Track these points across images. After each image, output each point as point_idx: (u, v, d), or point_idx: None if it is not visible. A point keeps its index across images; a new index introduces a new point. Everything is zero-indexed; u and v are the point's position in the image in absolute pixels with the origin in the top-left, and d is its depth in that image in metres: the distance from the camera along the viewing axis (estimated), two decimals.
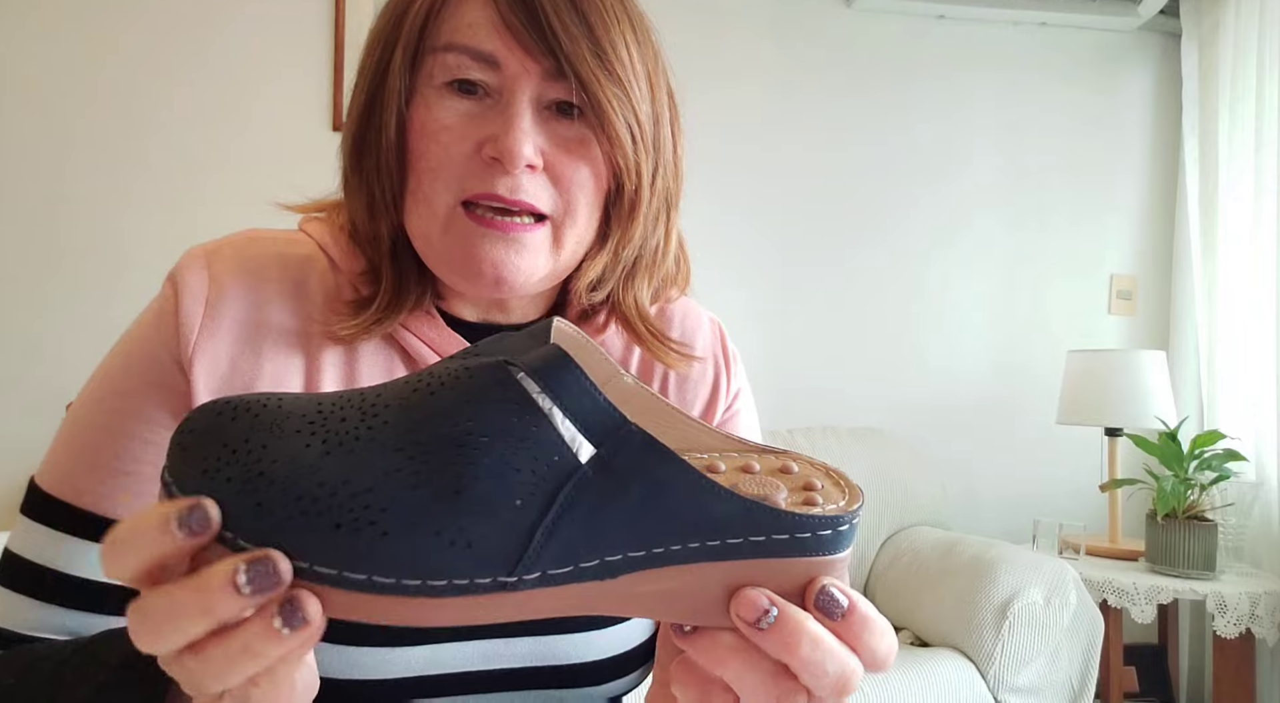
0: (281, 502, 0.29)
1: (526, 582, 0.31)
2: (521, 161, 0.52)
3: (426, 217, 0.55)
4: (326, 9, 2.26)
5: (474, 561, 0.30)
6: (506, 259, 0.54)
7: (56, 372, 2.05)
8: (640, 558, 0.31)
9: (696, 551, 0.32)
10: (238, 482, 0.30)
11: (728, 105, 2.50)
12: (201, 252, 0.59)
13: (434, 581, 0.30)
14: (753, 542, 0.32)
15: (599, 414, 0.31)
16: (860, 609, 0.33)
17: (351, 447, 0.31)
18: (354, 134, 0.58)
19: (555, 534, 0.30)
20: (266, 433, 0.31)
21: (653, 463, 0.31)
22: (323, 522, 0.29)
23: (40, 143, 2.10)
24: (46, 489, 0.55)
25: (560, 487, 0.30)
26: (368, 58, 0.58)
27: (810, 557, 0.33)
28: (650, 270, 0.64)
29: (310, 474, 0.30)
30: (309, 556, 0.29)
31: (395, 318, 0.58)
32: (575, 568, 0.31)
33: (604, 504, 0.31)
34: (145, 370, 0.56)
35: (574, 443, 0.31)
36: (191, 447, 0.31)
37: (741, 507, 0.32)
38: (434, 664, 0.56)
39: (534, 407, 0.31)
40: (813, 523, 0.32)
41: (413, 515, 0.30)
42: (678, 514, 0.31)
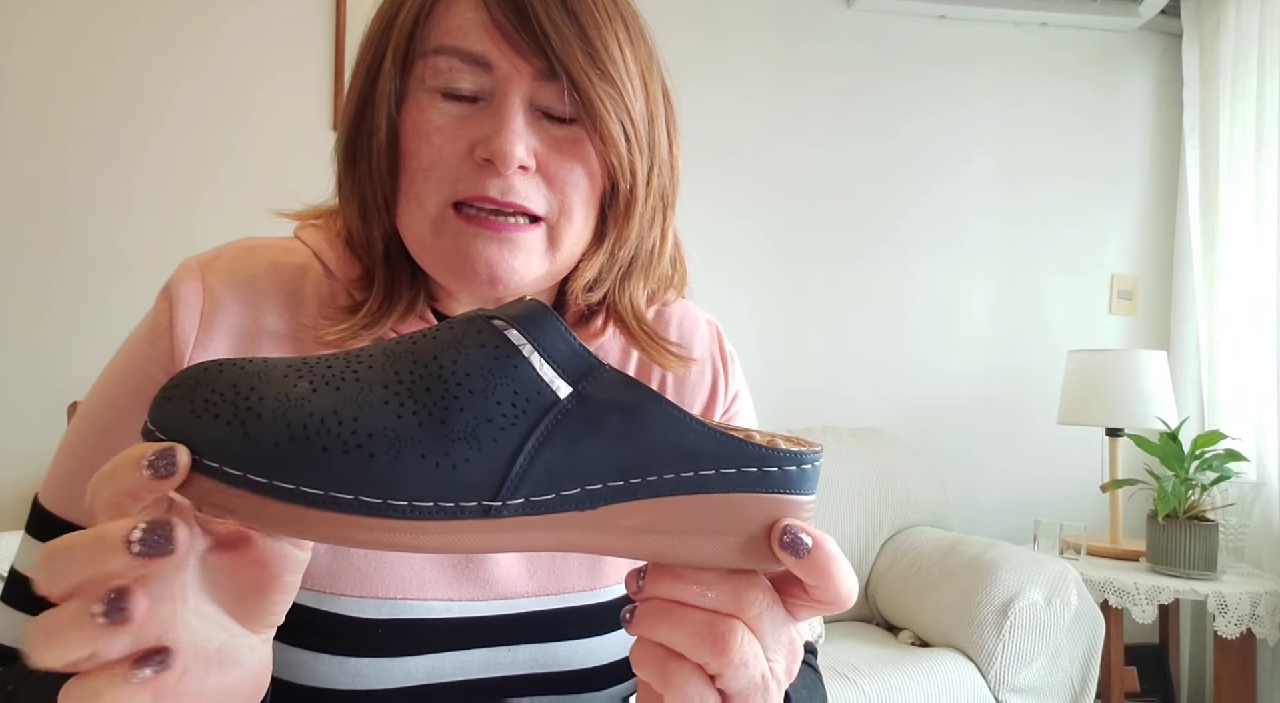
0: (269, 430, 0.30)
1: (510, 507, 0.32)
2: (513, 163, 0.52)
3: (419, 218, 0.55)
4: (326, 9, 2.26)
5: (459, 482, 0.31)
6: (500, 258, 0.54)
7: (56, 374, 2.05)
8: (619, 488, 0.33)
9: (672, 482, 0.33)
10: (225, 415, 0.30)
11: (728, 105, 2.50)
12: (196, 263, 0.59)
13: (420, 502, 0.31)
14: (724, 473, 0.33)
15: (575, 358, 0.33)
16: (826, 547, 0.34)
17: (338, 385, 0.32)
18: (346, 137, 0.58)
19: (537, 459, 0.32)
20: (254, 378, 0.32)
21: (629, 395, 0.33)
22: (310, 446, 0.30)
23: (39, 144, 2.10)
24: (48, 507, 0.55)
25: (541, 417, 0.32)
26: (360, 62, 0.58)
27: (778, 494, 0.34)
28: (647, 271, 0.64)
29: (298, 407, 0.31)
30: (296, 477, 0.30)
31: (385, 322, 0.58)
32: (557, 496, 0.32)
33: (584, 433, 0.32)
34: (141, 387, 0.56)
35: (553, 383, 0.33)
36: (178, 396, 0.31)
37: (714, 438, 0.33)
38: (435, 673, 0.56)
39: (513, 349, 0.33)
40: (780, 458, 0.34)
41: (399, 440, 0.31)
42: (654, 444, 0.33)
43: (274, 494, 0.30)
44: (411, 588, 0.56)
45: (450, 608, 0.57)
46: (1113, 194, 2.72)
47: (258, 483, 0.30)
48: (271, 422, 0.30)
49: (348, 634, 0.54)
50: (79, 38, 2.12)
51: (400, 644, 0.55)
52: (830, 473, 2.24)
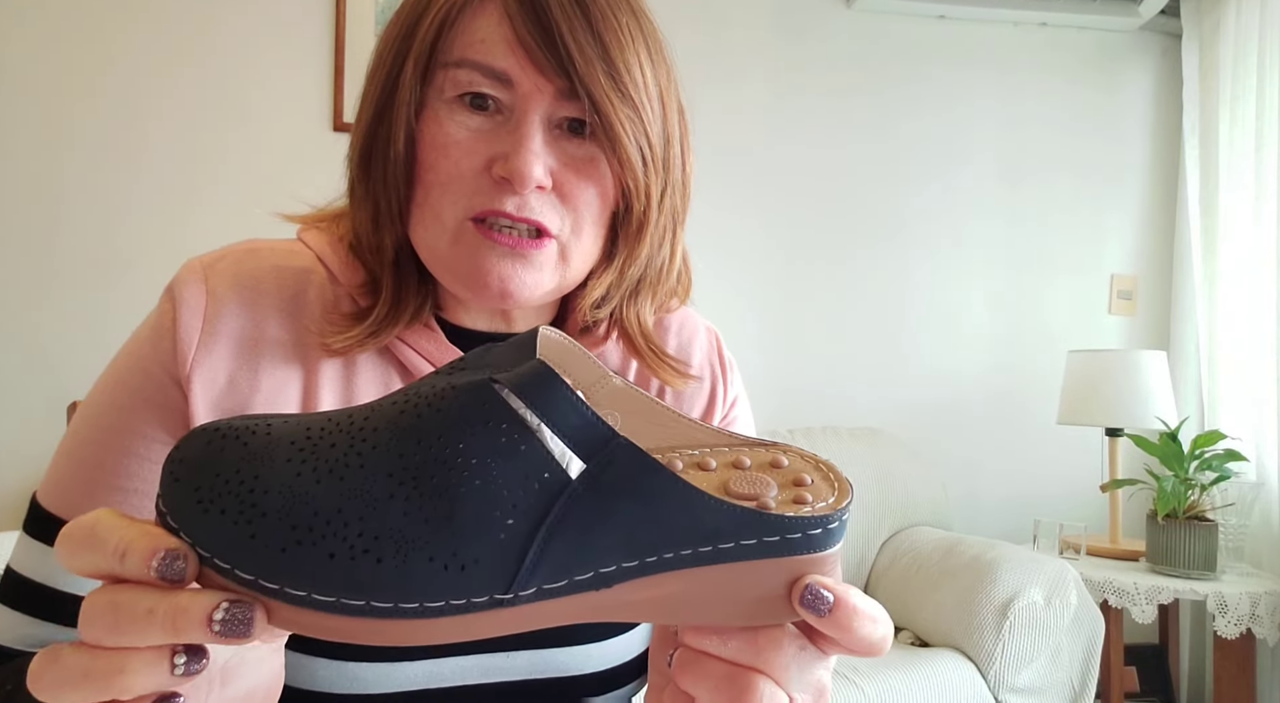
0: (276, 533, 0.30)
1: (522, 598, 0.31)
2: (531, 184, 0.52)
3: (435, 230, 0.55)
4: (326, 9, 2.26)
5: (469, 582, 0.30)
6: (513, 274, 0.54)
7: (56, 374, 2.05)
8: (633, 567, 0.32)
9: (689, 557, 0.32)
10: (232, 513, 0.30)
11: (728, 105, 2.50)
12: (199, 265, 0.59)
13: (431, 602, 0.30)
14: (744, 545, 0.32)
15: (587, 429, 0.32)
16: (849, 602, 0.33)
17: (342, 473, 0.31)
18: (362, 144, 0.57)
19: (548, 551, 0.31)
20: (257, 463, 0.31)
21: (642, 476, 0.31)
22: (318, 551, 0.30)
23: (39, 144, 2.10)
24: (46, 507, 0.55)
25: (551, 504, 0.31)
26: (378, 67, 0.57)
27: (801, 556, 0.33)
28: (655, 287, 0.64)
29: (303, 504, 0.30)
30: (306, 585, 0.30)
31: (391, 330, 0.58)
32: (569, 581, 0.31)
33: (595, 519, 0.31)
34: (143, 387, 0.56)
35: (563, 458, 0.31)
36: (184, 477, 0.31)
37: (731, 515, 0.32)
38: (434, 678, 0.56)
39: (521, 425, 0.31)
40: (802, 524, 0.33)
41: (406, 543, 0.30)
42: (668, 525, 0.32)
43: (285, 600, 0.30)
44: None
45: None
46: (1113, 194, 2.72)
47: (269, 589, 0.30)
48: (277, 523, 0.30)
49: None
50: (79, 37, 2.12)
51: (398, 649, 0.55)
52: None
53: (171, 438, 0.55)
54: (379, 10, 2.26)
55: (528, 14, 0.52)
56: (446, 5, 0.54)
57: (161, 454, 0.55)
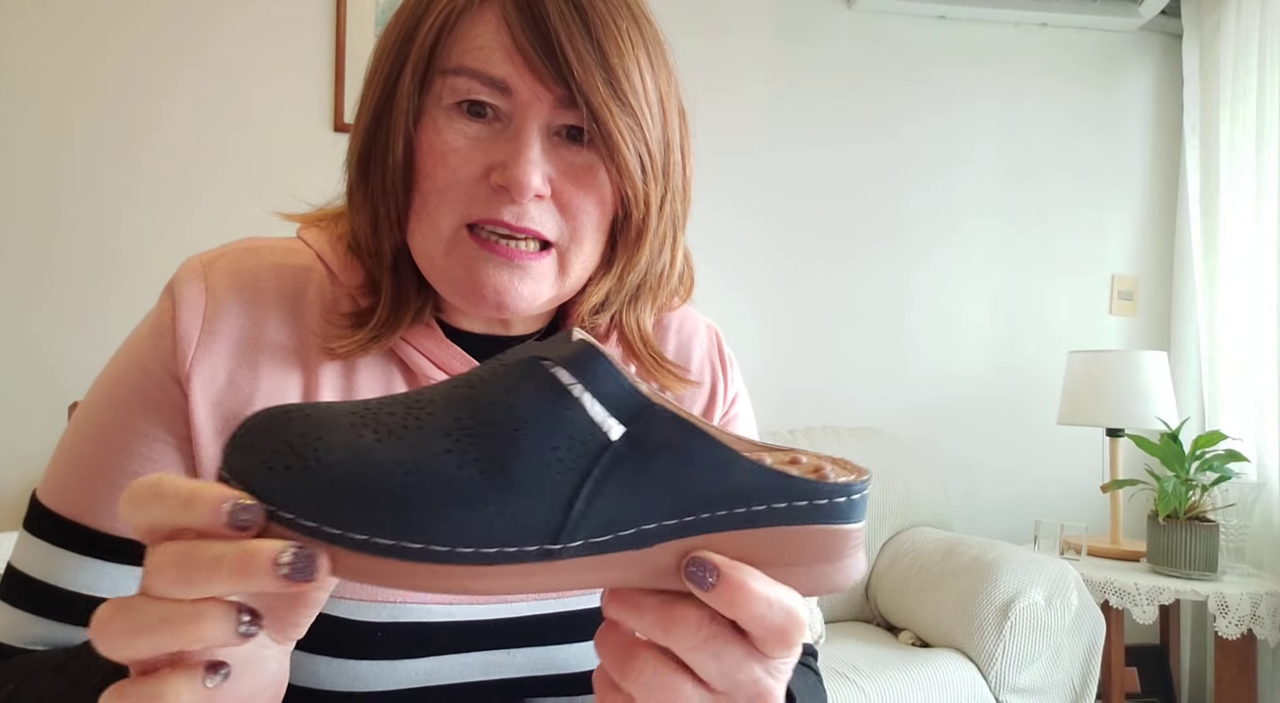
0: (340, 482, 0.32)
1: (570, 550, 0.33)
2: (530, 193, 0.52)
3: (431, 237, 0.55)
4: (326, 9, 2.26)
5: (521, 529, 0.32)
6: (510, 285, 0.54)
7: (56, 373, 2.05)
8: (673, 527, 0.34)
9: (724, 518, 0.34)
10: (296, 469, 0.32)
11: (729, 105, 2.50)
12: (199, 263, 0.59)
13: (485, 548, 0.32)
14: (774, 508, 0.34)
15: (627, 397, 0.34)
16: (733, 577, 0.33)
17: (400, 434, 0.33)
18: (360, 149, 0.57)
19: (593, 503, 0.33)
20: (321, 428, 0.33)
21: (680, 437, 0.34)
22: (379, 498, 0.32)
23: (39, 144, 2.10)
24: (47, 505, 0.55)
25: (595, 461, 0.33)
26: (376, 72, 0.57)
27: (827, 525, 0.35)
28: (655, 292, 0.63)
29: (365, 457, 0.32)
30: (367, 529, 0.31)
31: (393, 333, 0.58)
32: (614, 537, 0.33)
33: (637, 476, 0.33)
34: (143, 386, 0.56)
35: (605, 423, 0.33)
36: (248, 446, 0.33)
37: (764, 474, 0.34)
38: (434, 676, 0.56)
39: (566, 393, 0.34)
40: (827, 490, 0.34)
41: (462, 489, 0.32)
42: (706, 483, 0.34)
43: (346, 545, 0.32)
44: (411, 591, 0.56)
45: (450, 611, 0.57)
46: (1113, 194, 2.72)
47: (331, 534, 0.31)
48: (341, 474, 0.32)
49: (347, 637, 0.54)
50: (79, 38, 2.12)
51: (399, 647, 0.55)
52: None
53: (171, 436, 0.55)
54: (379, 11, 2.26)
55: (526, 21, 0.52)
56: (445, 11, 0.53)
57: (161, 453, 0.55)
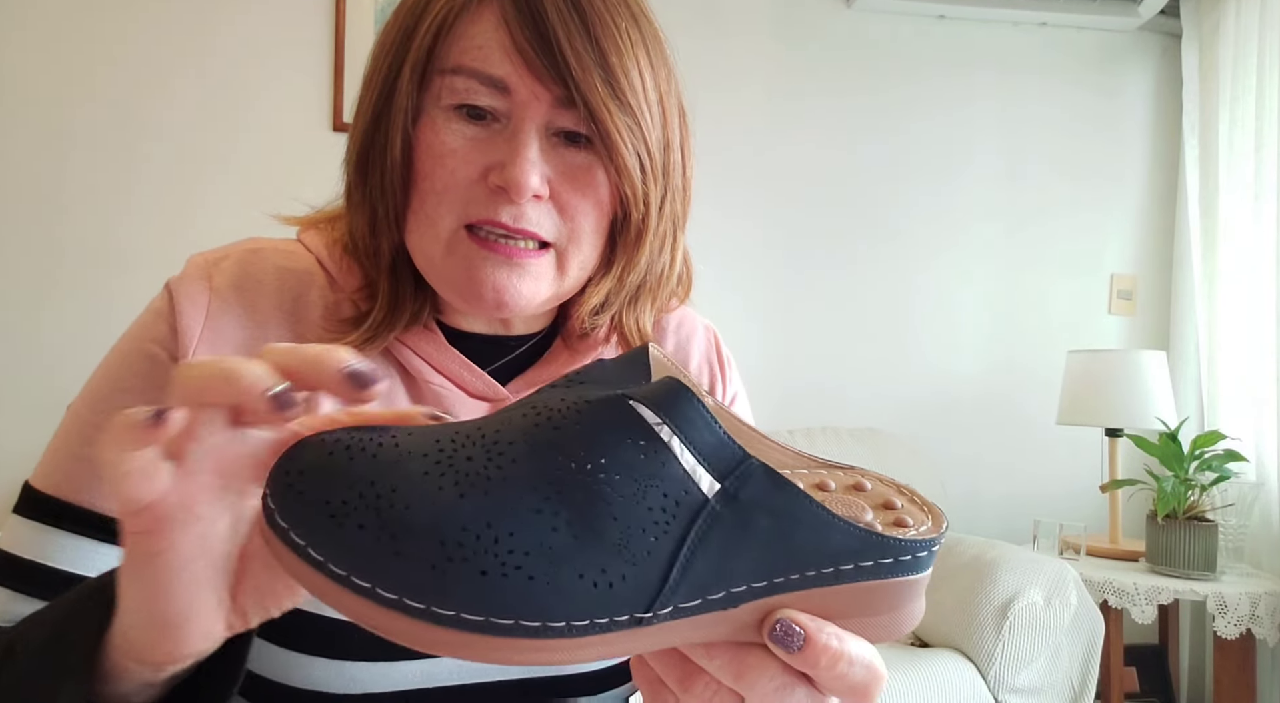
0: (423, 549, 0.28)
1: (660, 617, 0.31)
2: (527, 193, 0.52)
3: (429, 237, 0.55)
4: (326, 9, 2.26)
5: (614, 600, 0.30)
6: (509, 284, 0.54)
7: (55, 374, 2.05)
8: (761, 588, 0.32)
9: (813, 578, 0.33)
10: (372, 529, 0.28)
11: (728, 106, 2.50)
12: (203, 262, 0.59)
13: (577, 621, 0.30)
14: (860, 567, 0.33)
15: (721, 448, 0.32)
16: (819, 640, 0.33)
17: (485, 487, 0.30)
18: (359, 149, 0.57)
19: (688, 571, 0.31)
20: (392, 474, 0.30)
21: (776, 497, 0.32)
22: (469, 568, 0.29)
23: (40, 144, 2.10)
24: (40, 488, 0.55)
25: (691, 522, 0.31)
26: (374, 72, 0.57)
27: (906, 577, 0.34)
28: (655, 293, 0.63)
29: (450, 519, 0.29)
30: (454, 605, 0.29)
31: (389, 334, 0.58)
32: (703, 600, 0.32)
33: (732, 540, 0.31)
34: (145, 370, 0.56)
35: (696, 475, 0.31)
36: (308, 489, 0.29)
37: (855, 537, 0.33)
38: (429, 678, 0.56)
39: (658, 441, 0.31)
40: (912, 547, 0.34)
41: (555, 558, 0.29)
42: (800, 546, 0.32)
43: (430, 619, 0.29)
44: None
45: None
46: (1113, 194, 2.72)
47: (414, 609, 0.29)
48: (424, 538, 0.29)
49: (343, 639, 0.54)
50: (79, 38, 2.12)
51: (396, 649, 0.55)
52: None
53: None
54: (379, 10, 2.26)
55: (525, 20, 0.51)
56: (444, 10, 0.53)
57: None
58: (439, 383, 0.59)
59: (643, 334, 0.64)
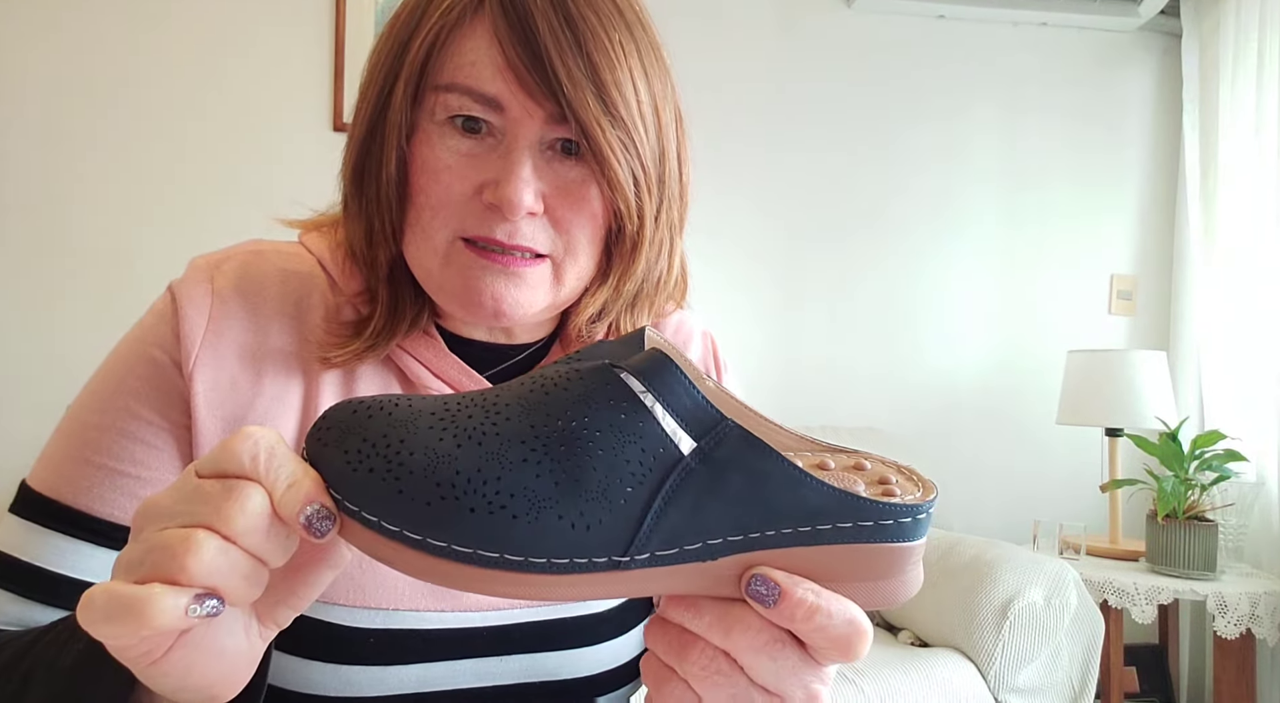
0: (422, 489, 0.33)
1: (638, 561, 0.34)
2: (521, 211, 0.52)
3: (426, 250, 0.55)
4: (326, 10, 2.26)
5: (592, 542, 0.33)
6: (506, 293, 0.54)
7: (58, 373, 2.05)
8: (738, 542, 0.34)
9: (790, 536, 0.35)
10: (380, 471, 0.33)
11: (727, 106, 2.50)
12: (205, 264, 0.59)
13: (557, 559, 0.33)
14: (840, 528, 0.35)
15: (698, 411, 0.35)
16: (794, 594, 0.34)
17: (480, 439, 0.34)
18: (355, 161, 0.57)
19: (663, 518, 0.34)
20: (403, 428, 0.34)
21: (750, 455, 0.34)
22: (460, 507, 0.33)
23: (43, 145, 2.10)
24: (38, 489, 0.55)
25: (666, 476, 0.34)
26: (369, 84, 0.57)
27: (891, 543, 0.35)
28: (652, 298, 0.64)
29: (446, 464, 0.33)
30: (447, 536, 0.33)
31: (389, 342, 0.58)
32: (680, 550, 0.34)
33: (706, 492, 0.34)
34: (148, 373, 0.56)
35: (676, 436, 0.34)
36: (332, 441, 0.34)
37: (833, 496, 0.35)
38: (426, 682, 0.57)
39: (639, 404, 0.35)
40: (895, 511, 0.35)
41: (538, 501, 0.33)
42: (774, 502, 0.34)
43: (426, 549, 0.33)
44: (403, 598, 0.56)
45: (442, 619, 0.57)
46: (1113, 194, 2.72)
47: (413, 539, 0.33)
48: (423, 479, 0.33)
49: (340, 643, 0.54)
50: (80, 41, 2.12)
51: (392, 654, 0.55)
52: None
53: (169, 422, 0.55)
54: (379, 11, 2.26)
55: (517, 36, 0.51)
56: (437, 26, 0.53)
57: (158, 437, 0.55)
58: (438, 389, 0.59)
59: None
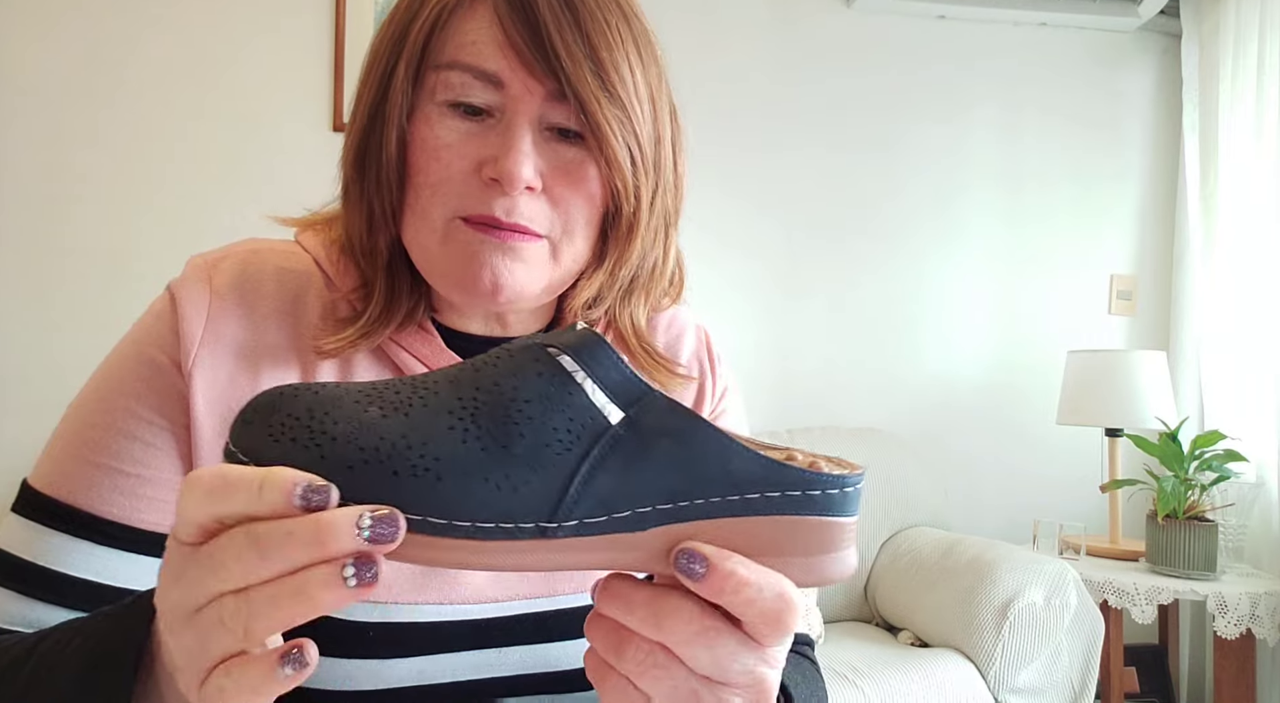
0: (344, 454, 0.32)
1: (565, 528, 0.34)
2: (521, 184, 0.52)
3: (425, 230, 0.55)
4: (326, 9, 2.26)
5: (518, 505, 0.33)
6: (504, 267, 0.54)
7: (61, 372, 2.05)
8: (668, 511, 0.34)
9: (718, 505, 0.34)
10: (302, 441, 0.32)
11: (727, 106, 2.50)
12: (203, 263, 0.60)
13: (482, 522, 0.33)
14: (768, 497, 0.35)
15: (627, 384, 0.35)
16: (722, 567, 0.33)
17: (406, 410, 0.34)
18: (356, 146, 0.58)
19: (590, 483, 0.34)
20: (327, 404, 0.34)
21: (678, 422, 0.34)
22: (382, 469, 0.32)
23: (44, 144, 2.10)
24: (39, 488, 0.55)
25: (595, 442, 0.34)
26: (370, 70, 0.57)
27: (819, 516, 0.35)
28: (648, 288, 0.64)
29: (370, 431, 0.33)
30: (369, 498, 0.32)
31: (383, 332, 0.58)
32: (609, 517, 0.34)
33: (634, 458, 0.34)
34: (143, 372, 0.56)
35: (605, 409, 0.35)
36: (256, 420, 0.33)
37: (760, 463, 0.35)
38: (425, 675, 0.57)
39: (568, 377, 0.35)
40: (823, 481, 0.35)
41: (464, 464, 0.33)
42: (701, 469, 0.34)
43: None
44: (401, 592, 0.56)
45: (440, 611, 0.57)
46: (1113, 194, 2.72)
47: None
48: (345, 445, 0.32)
49: (338, 636, 0.55)
50: (81, 41, 2.12)
51: (390, 647, 0.55)
52: None
53: (169, 422, 0.56)
54: (379, 10, 2.26)
55: (518, 15, 0.52)
56: (438, 7, 0.54)
57: (158, 437, 0.55)
58: None
59: (636, 329, 0.64)
